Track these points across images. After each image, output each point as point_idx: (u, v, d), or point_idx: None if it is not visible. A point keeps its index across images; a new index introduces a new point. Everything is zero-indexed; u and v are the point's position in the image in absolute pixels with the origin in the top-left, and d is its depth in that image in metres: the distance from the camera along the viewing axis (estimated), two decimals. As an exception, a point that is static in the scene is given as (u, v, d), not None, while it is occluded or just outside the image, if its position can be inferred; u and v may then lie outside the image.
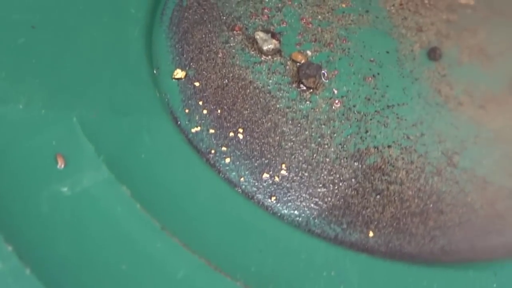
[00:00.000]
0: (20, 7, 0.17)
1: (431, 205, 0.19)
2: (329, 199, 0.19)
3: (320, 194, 0.19)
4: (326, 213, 0.19)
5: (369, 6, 0.27)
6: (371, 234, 0.18)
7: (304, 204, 0.19)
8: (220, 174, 0.19)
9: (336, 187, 0.19)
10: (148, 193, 0.15)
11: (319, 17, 0.26)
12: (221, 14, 0.25)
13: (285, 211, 0.19)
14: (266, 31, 0.24)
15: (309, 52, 0.24)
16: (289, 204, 0.19)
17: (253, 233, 0.18)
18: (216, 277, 0.14)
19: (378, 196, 0.19)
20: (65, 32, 0.18)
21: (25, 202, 0.13)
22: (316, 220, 0.19)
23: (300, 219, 0.18)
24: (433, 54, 0.25)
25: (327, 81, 0.23)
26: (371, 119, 0.22)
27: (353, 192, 0.19)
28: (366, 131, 0.21)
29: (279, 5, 0.26)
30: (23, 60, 0.16)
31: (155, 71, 0.22)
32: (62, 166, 0.15)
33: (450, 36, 0.26)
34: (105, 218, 0.14)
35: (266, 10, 0.26)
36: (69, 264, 0.14)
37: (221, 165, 0.19)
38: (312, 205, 0.19)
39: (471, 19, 0.27)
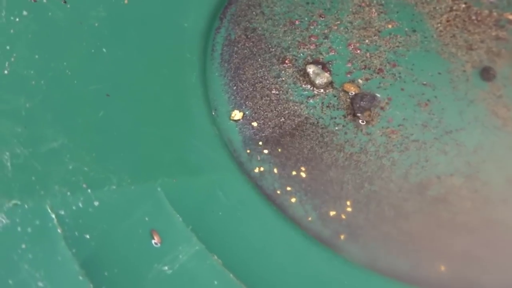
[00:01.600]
0: (95, 76, 0.18)
1: (500, 235, 0.20)
2: (394, 235, 0.20)
3: (385, 230, 0.20)
4: (393, 249, 0.20)
5: (416, 25, 0.28)
6: (442, 268, 0.19)
7: (371, 241, 0.20)
8: (287, 216, 0.20)
9: (400, 222, 0.20)
10: (236, 258, 0.16)
11: (366, 41, 0.27)
12: (269, 46, 0.26)
13: (354, 249, 0.20)
14: (316, 62, 0.25)
15: (360, 81, 0.25)
16: (357, 242, 0.20)
17: (325, 277, 0.19)
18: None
19: (449, 228, 0.20)
20: (134, 94, 0.20)
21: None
22: (383, 257, 0.20)
23: (368, 258, 0.19)
24: (486, 74, 0.25)
25: (382, 110, 0.24)
26: (430, 147, 0.23)
27: (418, 226, 0.20)
28: (427, 160, 0.22)
29: (325, 31, 0.27)
30: (106, 135, 0.17)
31: (213, 113, 0.23)
32: (159, 243, 0.16)
33: (501, 54, 0.26)
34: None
35: (313, 38, 0.27)
36: None
37: (289, 206, 0.20)
38: (379, 242, 0.20)
39: (523, 33, 0.27)
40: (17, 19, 0.17)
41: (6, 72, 0.16)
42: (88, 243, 0.14)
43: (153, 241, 0.16)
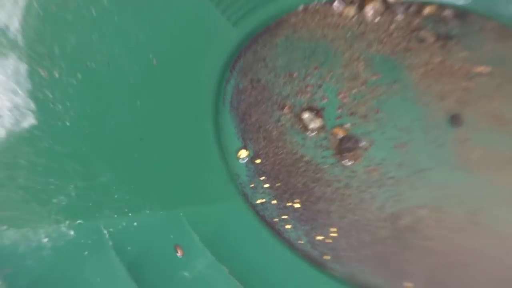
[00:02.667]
0: (131, 124, 0.24)
1: (459, 259, 0.25)
2: (370, 256, 0.25)
3: (363, 253, 0.25)
4: (369, 268, 0.25)
5: (397, 76, 0.33)
6: (409, 285, 0.24)
7: (351, 261, 0.25)
8: (283, 239, 0.25)
9: (376, 246, 0.25)
10: (240, 269, 0.21)
11: (354, 90, 0.32)
12: (271, 94, 0.32)
13: (336, 267, 0.25)
14: (311, 109, 0.31)
15: (348, 126, 0.30)
16: (339, 262, 0.25)
17: None
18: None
19: (415, 249, 0.25)
20: (161, 138, 0.25)
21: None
22: (361, 275, 0.24)
23: (348, 274, 0.24)
24: (455, 120, 0.31)
25: (365, 151, 0.29)
26: (403, 183, 0.28)
27: (391, 250, 0.25)
28: (400, 195, 0.27)
29: (319, 82, 0.33)
30: (141, 171, 0.23)
31: (224, 152, 0.28)
32: (181, 255, 0.21)
33: (468, 103, 0.31)
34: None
35: (308, 88, 0.32)
36: None
37: (284, 231, 0.25)
38: (357, 262, 0.25)
39: (486, 86, 0.32)
40: (74, 81, 0.23)
41: (68, 123, 0.21)
42: (130, 253, 0.19)
43: (177, 254, 0.20)
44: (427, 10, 0.37)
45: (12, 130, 0.19)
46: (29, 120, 0.19)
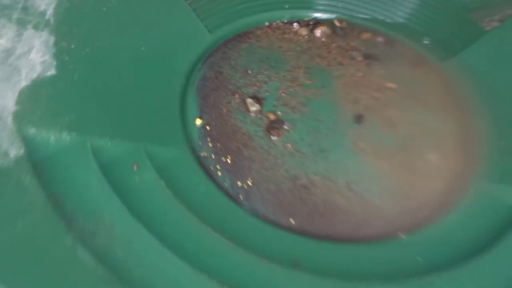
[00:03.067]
0: (122, 82, 0.35)
1: (331, 210, 0.35)
2: (271, 200, 0.36)
3: (266, 197, 0.36)
4: (268, 207, 0.35)
5: (326, 83, 0.44)
6: (292, 221, 0.35)
7: (257, 201, 0.35)
8: (213, 181, 0.36)
9: (277, 194, 0.36)
10: (175, 189, 0.32)
11: (291, 89, 0.43)
12: (228, 84, 0.43)
13: (247, 204, 0.35)
14: (255, 97, 0.42)
15: (279, 113, 0.41)
16: (249, 201, 0.35)
17: (229, 217, 0.34)
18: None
19: (303, 200, 0.35)
20: (141, 97, 0.36)
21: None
22: (262, 210, 0.35)
23: (253, 209, 0.35)
24: (358, 119, 0.41)
25: (287, 132, 0.40)
26: (307, 157, 0.38)
27: (287, 198, 0.36)
28: (302, 164, 0.38)
29: (266, 79, 0.44)
30: (122, 112, 0.34)
31: (184, 117, 0.39)
32: (136, 169, 0.31)
33: (372, 108, 0.42)
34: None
35: (257, 83, 0.43)
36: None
37: (215, 175, 0.36)
38: (261, 202, 0.35)
39: (391, 98, 0.43)
40: (84, 52, 0.34)
41: (75, 78, 0.32)
42: (103, 158, 0.30)
43: (134, 168, 0.31)
44: (364, 36, 0.48)
45: (40, 76, 0.30)
46: (51, 71, 0.30)
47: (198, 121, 0.40)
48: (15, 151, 0.25)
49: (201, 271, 0.25)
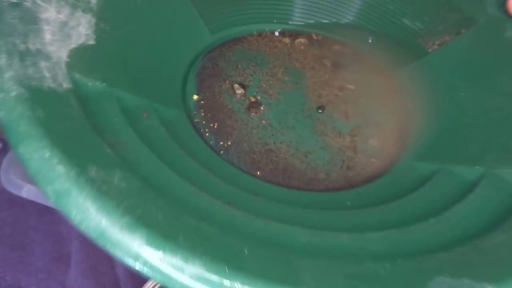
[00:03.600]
0: (136, 47, 0.46)
1: (292, 169, 0.46)
2: (247, 159, 0.46)
3: (240, 155, 0.46)
4: (246, 160, 0.46)
5: (299, 80, 0.55)
6: (258, 173, 0.45)
7: (234, 157, 0.46)
8: (202, 139, 0.47)
9: (250, 154, 0.47)
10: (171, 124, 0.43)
11: (270, 82, 0.55)
12: (222, 73, 0.54)
13: (225, 156, 0.46)
14: (241, 84, 0.53)
15: (259, 97, 0.53)
16: (227, 154, 0.46)
17: (212, 165, 0.45)
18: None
19: (269, 160, 0.46)
20: (152, 70, 0.48)
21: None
22: (237, 164, 0.46)
23: (230, 161, 0.46)
24: (321, 108, 0.53)
25: (263, 111, 0.51)
26: (276, 130, 0.49)
27: (257, 157, 0.47)
28: (272, 135, 0.49)
29: (252, 73, 0.55)
30: (135, 67, 0.45)
31: (184, 92, 0.50)
32: (146, 116, 0.43)
33: (333, 102, 0.54)
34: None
35: (244, 74, 0.55)
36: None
37: (204, 135, 0.47)
38: (237, 157, 0.46)
39: (349, 96, 0.54)
40: (111, 27, 0.46)
41: (104, 36, 0.44)
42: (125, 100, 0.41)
43: (144, 115, 0.42)
44: (335, 47, 0.60)
45: (84, 43, 0.42)
46: (91, 41, 0.42)
47: (195, 97, 0.51)
48: (66, 85, 0.36)
49: (189, 182, 0.35)
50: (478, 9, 0.55)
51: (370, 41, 0.60)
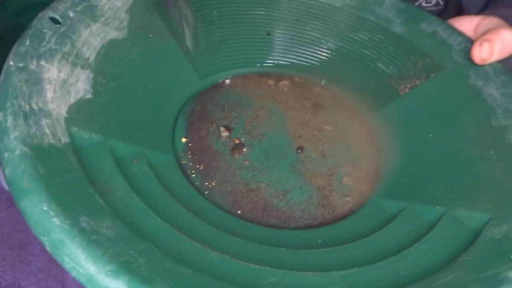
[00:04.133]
0: (133, 97, 0.51)
1: (271, 208, 0.50)
2: (228, 198, 0.51)
3: (224, 195, 0.51)
4: (228, 201, 0.50)
5: (280, 121, 0.60)
6: (239, 212, 0.50)
7: (217, 197, 0.51)
8: (188, 179, 0.51)
9: (232, 194, 0.51)
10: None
11: (254, 123, 0.59)
12: (209, 116, 0.59)
13: (210, 198, 0.50)
14: (226, 127, 0.58)
15: (242, 139, 0.57)
16: (211, 196, 0.51)
17: (197, 206, 0.49)
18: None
19: (250, 199, 0.50)
20: (145, 119, 0.53)
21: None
22: (223, 205, 0.50)
23: (213, 201, 0.50)
24: (299, 149, 0.57)
25: (246, 152, 0.56)
26: (257, 170, 0.54)
27: (238, 197, 0.51)
28: (253, 176, 0.53)
29: (237, 115, 0.60)
30: (129, 117, 0.50)
31: (173, 135, 0.55)
32: (136, 162, 0.47)
33: (311, 142, 0.58)
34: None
35: (230, 117, 0.60)
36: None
37: (190, 177, 0.52)
38: (221, 198, 0.51)
39: (326, 137, 0.59)
40: (110, 84, 0.51)
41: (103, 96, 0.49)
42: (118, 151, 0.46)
43: (134, 162, 0.47)
44: (315, 89, 0.65)
45: (82, 98, 0.46)
46: (89, 95, 0.47)
47: (184, 139, 0.56)
48: (64, 139, 0.41)
49: (172, 225, 0.39)
50: (446, 56, 0.60)
51: (348, 83, 0.65)
